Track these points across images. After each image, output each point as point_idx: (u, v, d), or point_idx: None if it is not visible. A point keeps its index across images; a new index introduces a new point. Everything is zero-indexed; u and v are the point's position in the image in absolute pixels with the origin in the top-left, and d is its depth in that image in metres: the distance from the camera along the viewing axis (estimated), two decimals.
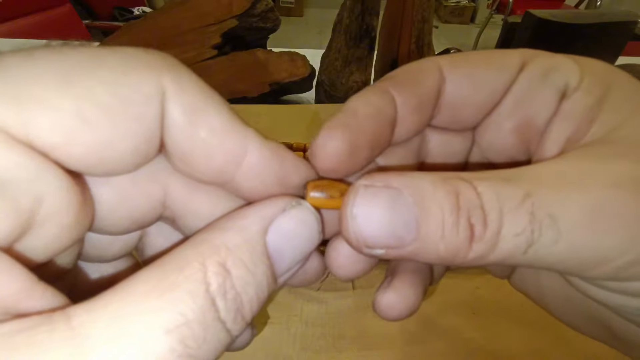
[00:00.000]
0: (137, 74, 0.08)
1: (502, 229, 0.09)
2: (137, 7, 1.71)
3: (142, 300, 0.07)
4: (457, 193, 0.09)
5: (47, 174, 0.08)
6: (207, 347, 0.08)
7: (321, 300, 0.26)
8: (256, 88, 0.49)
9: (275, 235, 0.10)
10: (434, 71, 0.12)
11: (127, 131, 0.08)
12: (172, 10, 0.49)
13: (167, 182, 0.11)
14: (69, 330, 0.07)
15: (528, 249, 0.09)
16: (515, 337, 0.24)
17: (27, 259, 0.08)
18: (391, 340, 0.24)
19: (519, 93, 0.12)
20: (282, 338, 0.24)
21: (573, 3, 2.12)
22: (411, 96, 0.12)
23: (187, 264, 0.08)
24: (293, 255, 0.10)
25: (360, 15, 0.43)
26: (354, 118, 0.11)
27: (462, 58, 0.13)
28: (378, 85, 0.12)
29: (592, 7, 1.55)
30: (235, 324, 0.08)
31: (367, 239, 0.10)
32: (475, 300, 0.26)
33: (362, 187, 0.10)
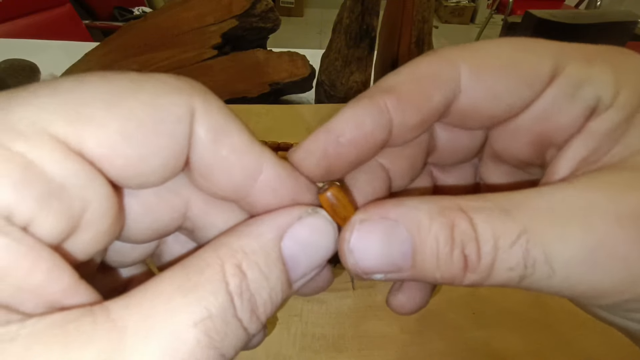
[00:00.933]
0: (170, 97, 0.09)
1: (496, 262, 0.09)
2: (137, 7, 1.71)
3: (171, 298, 0.08)
4: (453, 225, 0.09)
5: (95, 183, 0.09)
6: (228, 341, 0.08)
7: (321, 300, 0.26)
8: (256, 88, 0.49)
9: (291, 242, 0.10)
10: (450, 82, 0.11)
11: (160, 147, 0.09)
12: (172, 10, 0.49)
13: (189, 196, 0.12)
14: (109, 322, 0.08)
15: (522, 281, 0.09)
16: (515, 337, 0.24)
17: (71, 258, 0.09)
18: (391, 340, 0.24)
19: (543, 108, 0.11)
20: (282, 338, 0.24)
21: (573, 3, 2.12)
22: (413, 117, 0.11)
23: (208, 265, 0.09)
24: (309, 262, 0.10)
25: (360, 15, 0.43)
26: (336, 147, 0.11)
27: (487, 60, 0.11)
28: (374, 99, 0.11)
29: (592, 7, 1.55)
30: (250, 323, 0.09)
31: (365, 269, 0.10)
32: (475, 300, 0.26)
33: (358, 222, 0.10)
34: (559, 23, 0.45)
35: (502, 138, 0.13)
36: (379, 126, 0.11)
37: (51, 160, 0.08)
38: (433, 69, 0.11)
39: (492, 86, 0.11)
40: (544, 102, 0.11)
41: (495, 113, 0.11)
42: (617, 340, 0.23)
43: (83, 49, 0.53)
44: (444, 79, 0.11)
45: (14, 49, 0.67)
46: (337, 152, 0.11)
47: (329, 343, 0.24)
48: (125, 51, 0.49)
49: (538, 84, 0.11)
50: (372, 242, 0.10)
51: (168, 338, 0.08)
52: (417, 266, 0.10)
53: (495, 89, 0.11)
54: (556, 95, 0.11)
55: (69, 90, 0.09)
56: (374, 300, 0.26)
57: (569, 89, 0.11)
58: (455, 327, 0.25)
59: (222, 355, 0.08)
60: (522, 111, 0.11)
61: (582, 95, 0.11)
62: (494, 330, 0.24)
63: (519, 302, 0.26)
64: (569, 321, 0.25)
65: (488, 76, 0.11)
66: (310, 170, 0.11)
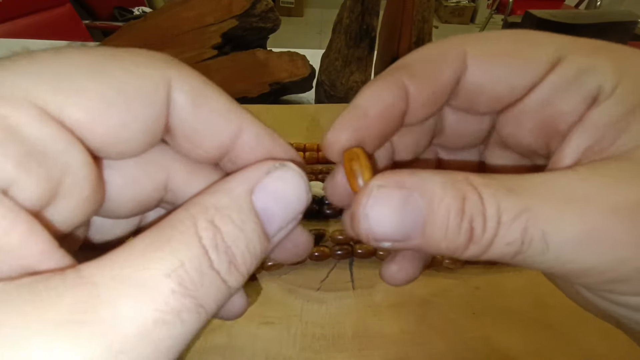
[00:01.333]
0: (147, 66, 0.10)
1: (496, 237, 0.10)
2: (137, 7, 1.71)
3: (143, 253, 0.08)
4: (464, 198, 0.10)
5: (74, 149, 0.09)
6: (205, 292, 0.08)
7: (321, 300, 0.26)
8: (256, 88, 0.49)
9: (262, 195, 0.10)
10: (456, 60, 0.12)
11: (140, 113, 0.10)
12: (172, 10, 0.49)
13: (170, 167, 0.12)
14: (79, 278, 0.08)
15: (516, 256, 0.10)
16: (515, 337, 0.24)
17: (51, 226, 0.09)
18: (391, 340, 0.24)
19: (545, 94, 0.12)
20: (282, 338, 0.24)
21: (573, 3, 2.12)
22: (426, 89, 0.12)
23: (180, 221, 0.09)
24: (283, 214, 0.11)
25: (360, 15, 0.43)
26: (364, 119, 0.12)
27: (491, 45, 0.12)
28: (393, 75, 0.12)
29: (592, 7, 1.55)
30: (229, 274, 0.09)
31: (377, 236, 0.11)
32: (475, 300, 0.26)
33: (375, 187, 0.11)
34: (559, 23, 0.45)
35: (508, 124, 0.13)
36: (398, 98, 0.12)
37: (30, 125, 0.08)
38: (442, 50, 0.12)
39: (494, 67, 0.12)
40: (546, 88, 0.12)
41: (498, 94, 0.12)
42: (617, 341, 0.23)
43: None
44: (452, 57, 0.12)
45: (14, 49, 0.67)
46: (366, 126, 0.12)
47: (329, 343, 0.24)
48: None
49: (539, 69, 0.11)
50: (388, 209, 0.10)
51: (141, 289, 0.08)
52: (426, 235, 0.10)
53: (497, 70, 0.12)
54: (557, 82, 0.11)
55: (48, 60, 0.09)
56: (374, 300, 0.26)
57: (570, 76, 0.11)
58: (455, 327, 0.25)
59: (199, 305, 0.08)
60: (526, 95, 0.12)
61: (583, 83, 0.11)
62: (494, 331, 0.24)
63: (519, 302, 0.26)
64: (569, 321, 0.25)
65: (491, 58, 0.12)
66: (344, 144, 0.12)
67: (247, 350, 0.23)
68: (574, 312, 0.25)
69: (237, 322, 0.25)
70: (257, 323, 0.25)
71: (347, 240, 0.29)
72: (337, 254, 0.29)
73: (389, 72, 0.12)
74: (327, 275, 0.28)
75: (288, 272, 0.28)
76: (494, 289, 0.27)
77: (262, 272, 0.28)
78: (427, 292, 0.27)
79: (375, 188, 0.11)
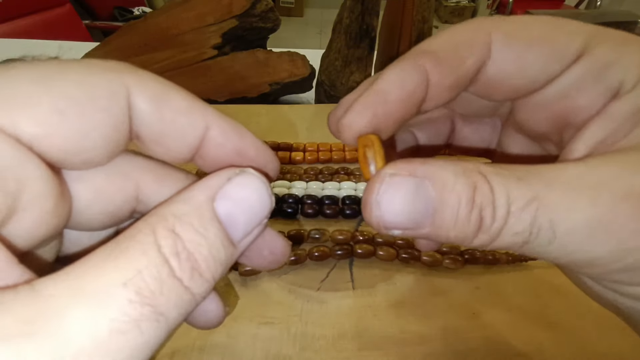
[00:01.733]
0: (101, 75, 0.10)
1: (505, 227, 0.10)
2: (137, 7, 1.71)
3: (99, 264, 0.08)
4: (475, 187, 0.10)
5: (30, 163, 0.09)
6: (165, 300, 0.08)
7: (321, 300, 0.26)
8: (256, 88, 0.49)
9: (223, 201, 0.10)
10: (481, 48, 0.12)
11: (98, 122, 0.10)
12: (172, 10, 0.49)
13: (138, 178, 0.12)
14: (32, 291, 0.07)
15: (523, 245, 0.10)
16: (515, 337, 0.24)
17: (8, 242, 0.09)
18: (391, 340, 0.24)
19: (566, 85, 0.12)
20: (282, 338, 0.24)
21: (573, 3, 2.12)
22: (448, 77, 0.12)
23: (139, 231, 0.09)
24: (246, 219, 0.11)
25: (360, 15, 0.43)
26: (384, 105, 0.12)
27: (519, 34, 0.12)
28: (416, 60, 0.12)
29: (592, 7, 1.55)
30: (193, 281, 0.09)
31: (388, 224, 0.11)
32: (475, 300, 0.26)
33: (387, 175, 0.11)
34: None
35: (522, 110, 0.13)
36: (420, 85, 0.12)
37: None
38: (468, 35, 0.12)
39: (520, 57, 0.12)
40: (568, 80, 0.11)
41: (519, 85, 0.12)
42: (618, 340, 0.23)
43: (83, 49, 0.53)
44: (478, 44, 0.12)
45: (14, 49, 0.67)
46: (385, 111, 0.12)
47: (329, 343, 0.24)
48: (125, 51, 0.49)
49: (565, 60, 0.11)
50: (399, 197, 0.10)
51: (95, 299, 0.07)
52: (436, 224, 0.10)
53: (522, 60, 0.12)
54: (580, 74, 0.11)
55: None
56: (374, 300, 0.26)
57: (594, 69, 0.11)
58: (455, 327, 0.25)
59: (160, 314, 0.08)
60: (545, 86, 0.12)
61: (606, 77, 0.11)
62: (494, 331, 0.24)
63: (519, 302, 0.26)
64: (569, 321, 0.25)
65: (518, 47, 0.12)
66: (360, 130, 0.12)
67: (247, 350, 0.23)
68: (574, 312, 0.25)
69: (237, 322, 0.25)
70: (257, 323, 0.25)
71: (347, 240, 0.29)
72: (337, 254, 0.29)
73: (412, 56, 0.12)
74: (327, 275, 0.28)
75: (288, 272, 0.28)
76: (494, 289, 0.27)
77: (262, 272, 0.28)
78: (427, 292, 0.27)
79: (387, 176, 0.11)
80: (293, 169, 0.37)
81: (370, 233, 0.30)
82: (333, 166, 0.38)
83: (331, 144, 0.40)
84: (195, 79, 0.49)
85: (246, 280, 0.27)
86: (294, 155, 0.39)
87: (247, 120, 0.45)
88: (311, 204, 0.32)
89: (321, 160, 0.39)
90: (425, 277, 0.28)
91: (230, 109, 0.47)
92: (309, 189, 0.35)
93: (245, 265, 0.27)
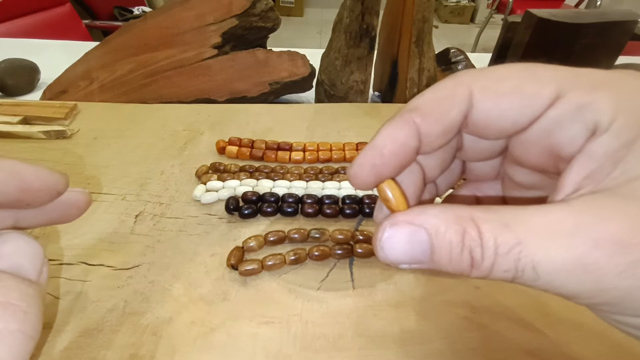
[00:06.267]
0: None
1: (495, 265, 0.11)
2: (137, 6, 1.71)
3: None
4: (464, 232, 0.12)
5: None
6: None
7: (321, 300, 0.26)
8: (256, 88, 0.49)
9: (1, 260, 0.13)
10: (463, 100, 0.13)
11: None
12: (172, 10, 0.49)
13: None
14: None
15: (514, 280, 0.12)
16: (515, 337, 0.24)
17: None
18: (391, 340, 0.24)
19: (547, 125, 0.13)
20: (282, 338, 0.24)
21: (573, 3, 2.12)
22: (435, 128, 0.14)
23: None
24: (29, 263, 0.13)
25: (360, 14, 0.43)
26: (380, 158, 0.14)
27: (495, 84, 0.13)
28: (404, 117, 0.14)
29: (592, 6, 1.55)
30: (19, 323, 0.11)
31: (392, 262, 0.13)
32: (475, 300, 0.26)
33: (388, 225, 0.13)
34: (559, 22, 0.45)
35: (517, 147, 0.15)
36: (411, 137, 0.14)
37: None
38: (450, 90, 0.14)
39: (497, 106, 0.13)
40: (548, 120, 0.13)
41: (504, 127, 0.14)
42: (616, 341, 0.23)
43: (83, 48, 0.53)
44: (459, 98, 0.13)
45: (14, 49, 0.67)
46: (383, 162, 0.14)
47: (329, 343, 0.24)
48: (125, 51, 0.49)
49: (539, 106, 0.13)
50: (399, 242, 0.13)
51: None
52: (434, 261, 0.12)
53: (500, 109, 0.13)
54: (558, 115, 0.13)
55: None
56: (374, 300, 0.26)
57: (570, 111, 0.12)
58: (456, 327, 0.25)
59: None
60: (529, 127, 0.13)
61: (582, 118, 0.12)
62: (493, 330, 0.24)
63: (519, 302, 0.26)
64: (569, 322, 0.25)
65: (494, 99, 0.13)
66: (364, 179, 0.14)
67: (247, 350, 0.23)
68: (574, 314, 0.25)
69: (237, 322, 0.25)
70: (257, 323, 0.25)
71: (347, 240, 0.29)
72: (337, 253, 0.29)
73: (401, 114, 0.14)
74: (327, 275, 0.28)
75: (288, 272, 0.28)
76: (494, 288, 0.27)
77: (262, 272, 0.28)
78: (427, 292, 0.27)
79: (388, 226, 0.13)
80: (293, 169, 0.37)
81: (370, 232, 0.30)
82: (333, 166, 0.38)
83: (331, 143, 0.40)
84: (195, 78, 0.49)
85: (246, 280, 0.27)
86: (294, 155, 0.39)
87: (247, 120, 0.45)
88: (311, 203, 0.32)
89: (321, 160, 0.39)
90: (425, 276, 0.28)
91: (230, 109, 0.47)
92: (309, 188, 0.35)
93: (246, 265, 0.27)
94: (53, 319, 0.24)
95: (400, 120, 0.14)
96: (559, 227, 0.11)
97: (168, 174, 0.37)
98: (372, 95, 0.57)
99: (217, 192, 0.34)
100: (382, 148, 0.14)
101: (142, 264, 0.28)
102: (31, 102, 0.47)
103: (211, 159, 0.39)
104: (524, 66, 0.13)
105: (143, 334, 0.24)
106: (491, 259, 0.11)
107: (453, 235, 0.12)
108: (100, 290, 0.26)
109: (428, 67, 0.47)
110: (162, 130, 0.43)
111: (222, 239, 0.30)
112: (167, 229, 0.31)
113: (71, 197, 0.17)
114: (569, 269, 0.11)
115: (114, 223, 0.31)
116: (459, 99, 0.13)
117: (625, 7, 0.52)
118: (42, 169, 0.15)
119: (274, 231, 0.30)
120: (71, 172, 0.36)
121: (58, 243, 0.30)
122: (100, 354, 0.23)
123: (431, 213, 0.12)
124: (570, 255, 0.11)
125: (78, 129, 0.42)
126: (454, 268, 0.12)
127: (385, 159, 0.14)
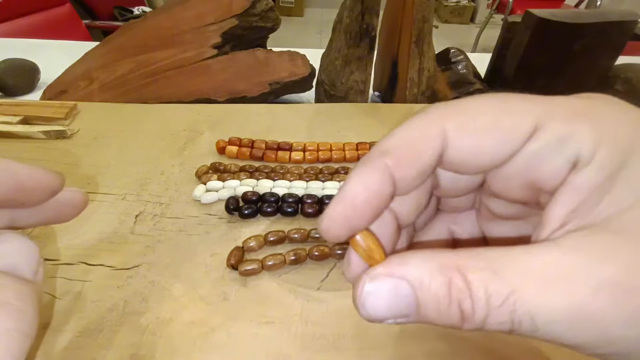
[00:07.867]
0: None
1: (488, 317, 0.11)
2: (137, 6, 1.71)
3: None
4: (450, 284, 0.11)
5: None
6: None
7: (321, 300, 0.26)
8: (256, 88, 0.49)
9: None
10: (434, 140, 0.12)
11: None
12: (172, 10, 0.49)
13: None
14: None
15: (511, 332, 0.11)
16: (515, 336, 0.24)
17: None
18: (391, 340, 0.24)
19: (526, 159, 0.12)
20: (282, 338, 0.24)
21: (573, 2, 2.12)
22: (410, 170, 0.13)
23: None
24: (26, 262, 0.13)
25: (360, 14, 0.43)
26: (352, 210, 0.12)
27: (469, 120, 0.12)
28: (375, 162, 0.12)
29: (593, 6, 1.55)
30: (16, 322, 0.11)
31: (376, 319, 0.12)
32: None
33: (368, 280, 0.12)
34: (559, 22, 0.45)
35: (495, 180, 0.14)
36: (384, 183, 0.12)
37: None
38: (422, 131, 0.12)
39: (474, 143, 0.12)
40: (528, 154, 0.12)
41: (482, 163, 0.13)
42: None
43: (83, 48, 0.53)
44: (432, 138, 0.12)
45: (14, 49, 0.67)
46: (355, 214, 0.13)
47: (329, 342, 0.24)
48: (124, 51, 0.49)
49: (517, 140, 0.12)
50: (380, 298, 0.12)
51: None
52: (422, 314, 0.11)
53: (477, 145, 0.12)
54: (538, 148, 0.12)
55: None
56: None
57: (550, 142, 0.12)
58: None
59: None
60: (508, 161, 0.12)
61: (562, 150, 0.11)
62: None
63: None
64: None
65: (470, 136, 0.12)
66: (337, 234, 0.13)
67: (247, 350, 0.23)
68: None
69: (237, 322, 0.25)
70: (257, 323, 0.25)
71: (347, 240, 0.29)
72: (337, 253, 0.29)
73: (372, 158, 0.13)
74: (327, 275, 0.28)
75: (288, 272, 0.28)
76: None
77: (262, 272, 0.28)
78: None
79: (367, 280, 0.12)
80: (293, 169, 0.37)
81: None
82: (333, 166, 0.38)
83: (331, 143, 0.40)
84: (195, 78, 0.49)
85: (246, 280, 0.27)
86: (294, 155, 0.39)
87: (247, 120, 0.44)
88: (311, 203, 0.32)
89: (321, 160, 0.39)
90: None
91: (230, 109, 0.47)
92: (309, 188, 0.35)
93: (246, 265, 0.27)
94: (50, 318, 0.24)
95: (372, 166, 0.12)
96: (553, 271, 0.10)
97: (168, 174, 0.37)
98: (372, 95, 0.57)
99: (217, 192, 0.34)
100: (353, 199, 0.12)
101: (142, 264, 0.28)
102: (31, 102, 0.47)
103: (211, 159, 0.39)
104: (498, 98, 0.12)
105: (143, 334, 0.24)
106: (483, 310, 0.10)
107: (439, 287, 0.11)
108: (100, 290, 0.26)
109: (428, 67, 0.47)
110: (162, 130, 0.43)
111: (222, 239, 0.30)
112: (167, 229, 0.31)
113: (67, 196, 0.16)
114: (569, 318, 0.10)
115: (114, 223, 0.31)
116: (433, 139, 0.12)
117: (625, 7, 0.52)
118: (37, 168, 0.15)
119: (274, 231, 0.30)
120: (71, 172, 0.36)
121: (58, 243, 0.30)
122: (100, 354, 0.23)
123: (413, 263, 0.11)
124: (569, 302, 0.10)
125: (78, 129, 0.42)
126: (443, 322, 0.11)
127: (358, 210, 0.12)
